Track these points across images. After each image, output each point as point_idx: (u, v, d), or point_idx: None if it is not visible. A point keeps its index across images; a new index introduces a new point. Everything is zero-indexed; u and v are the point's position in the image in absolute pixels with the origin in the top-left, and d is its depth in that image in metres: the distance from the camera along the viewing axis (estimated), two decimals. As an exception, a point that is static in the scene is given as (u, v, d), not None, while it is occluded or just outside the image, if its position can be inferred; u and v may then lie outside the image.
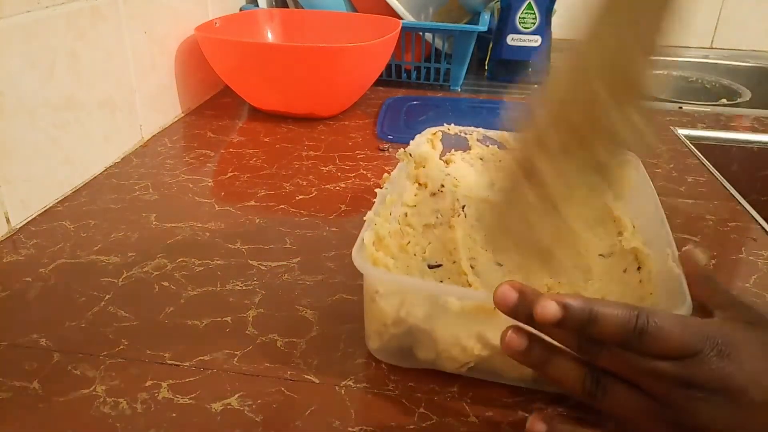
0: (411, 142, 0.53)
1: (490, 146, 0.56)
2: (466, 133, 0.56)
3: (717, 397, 0.29)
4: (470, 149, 0.57)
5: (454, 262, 0.45)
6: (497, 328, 0.32)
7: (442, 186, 0.52)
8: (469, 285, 0.42)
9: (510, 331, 0.31)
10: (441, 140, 0.56)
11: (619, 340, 0.29)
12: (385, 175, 0.47)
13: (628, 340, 0.29)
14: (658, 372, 0.29)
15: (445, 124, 0.56)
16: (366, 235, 0.39)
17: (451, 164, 0.55)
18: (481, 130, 0.56)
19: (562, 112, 0.33)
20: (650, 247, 0.42)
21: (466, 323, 0.35)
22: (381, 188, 0.45)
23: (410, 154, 0.51)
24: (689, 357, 0.29)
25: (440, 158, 0.55)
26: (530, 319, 0.30)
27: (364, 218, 0.41)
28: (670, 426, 0.30)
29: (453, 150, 0.56)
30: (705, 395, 0.29)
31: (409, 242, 0.45)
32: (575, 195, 0.34)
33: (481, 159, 0.56)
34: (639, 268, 0.41)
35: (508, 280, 0.31)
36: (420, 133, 0.55)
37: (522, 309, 0.30)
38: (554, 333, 0.31)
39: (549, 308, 0.29)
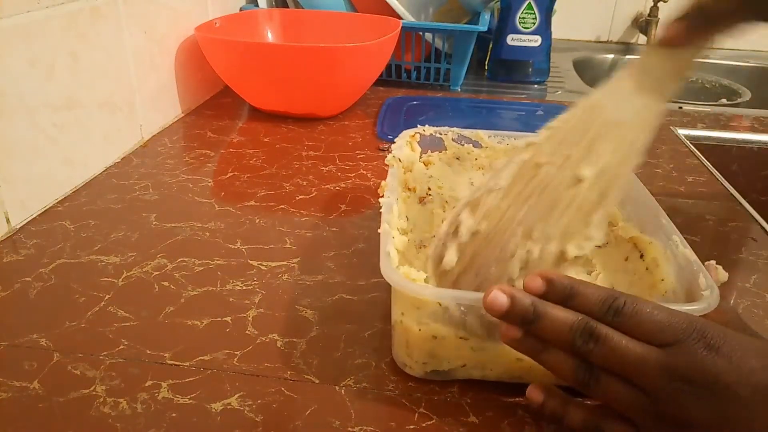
0: (393, 146, 0.52)
1: (466, 145, 0.56)
2: (440, 134, 0.56)
3: (703, 390, 0.29)
4: (446, 149, 0.56)
5: None
6: None
7: (429, 189, 0.52)
8: None
9: (506, 324, 0.33)
10: (418, 142, 0.55)
11: (598, 313, 0.31)
12: (383, 182, 0.47)
13: (605, 314, 0.31)
14: (641, 358, 0.30)
15: (419, 125, 0.56)
16: (391, 251, 0.37)
17: (431, 165, 0.55)
18: (455, 129, 0.56)
19: None
20: (648, 233, 0.42)
21: None
22: (382, 197, 0.44)
23: (399, 159, 0.50)
24: (672, 344, 0.30)
25: (419, 160, 0.55)
26: (524, 321, 0.32)
27: (379, 231, 0.39)
28: (657, 419, 0.31)
29: (429, 151, 0.56)
30: (691, 388, 0.29)
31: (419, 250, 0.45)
32: None
33: (457, 158, 0.56)
34: (642, 256, 0.41)
35: (498, 285, 0.32)
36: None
37: (516, 311, 0.32)
38: (549, 331, 0.32)
39: (534, 282, 0.32)
